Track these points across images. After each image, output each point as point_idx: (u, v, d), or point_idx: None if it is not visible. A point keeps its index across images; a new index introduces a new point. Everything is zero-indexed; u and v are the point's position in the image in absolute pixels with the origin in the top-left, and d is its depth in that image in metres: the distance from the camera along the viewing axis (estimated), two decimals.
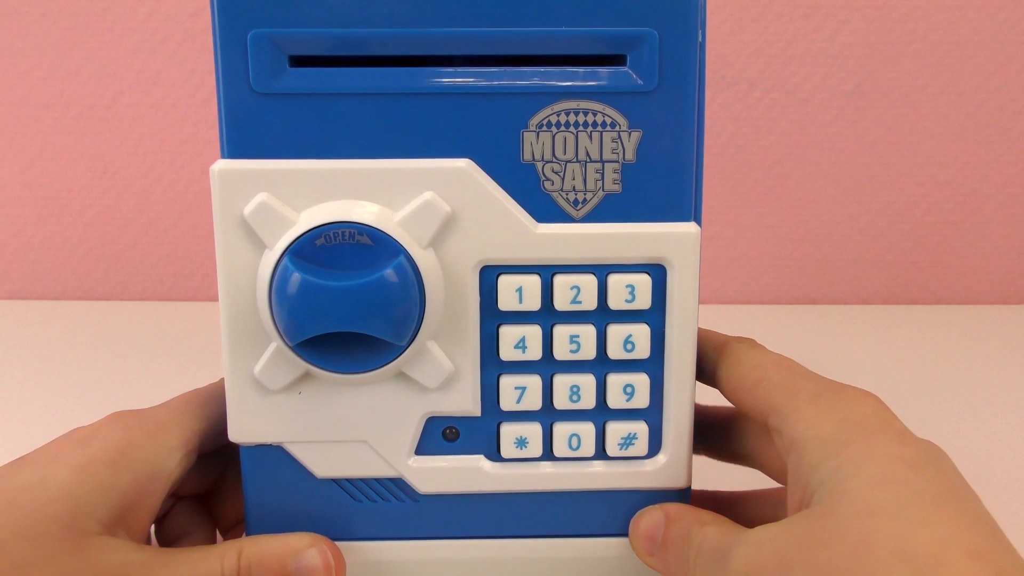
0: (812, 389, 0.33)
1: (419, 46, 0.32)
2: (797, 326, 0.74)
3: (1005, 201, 0.76)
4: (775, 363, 0.35)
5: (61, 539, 0.30)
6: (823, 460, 0.30)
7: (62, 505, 0.31)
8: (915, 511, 0.27)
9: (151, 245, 0.77)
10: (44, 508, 0.31)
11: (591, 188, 0.33)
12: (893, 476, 0.28)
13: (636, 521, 0.36)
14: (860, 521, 0.27)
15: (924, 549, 0.26)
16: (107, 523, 0.32)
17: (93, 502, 0.31)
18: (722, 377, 0.36)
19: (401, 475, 0.36)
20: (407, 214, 0.32)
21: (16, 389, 0.61)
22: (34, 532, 0.30)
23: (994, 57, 0.72)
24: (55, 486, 0.31)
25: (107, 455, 0.33)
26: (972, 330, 0.73)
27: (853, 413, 0.31)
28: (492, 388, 0.35)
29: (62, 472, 0.32)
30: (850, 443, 0.30)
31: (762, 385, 0.34)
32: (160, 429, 0.34)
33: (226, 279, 0.33)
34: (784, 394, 0.33)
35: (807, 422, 0.31)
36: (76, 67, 0.72)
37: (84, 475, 0.32)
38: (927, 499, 0.27)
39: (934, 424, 0.56)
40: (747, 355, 0.35)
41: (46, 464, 0.32)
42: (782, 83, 0.73)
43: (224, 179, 0.32)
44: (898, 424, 0.31)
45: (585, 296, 0.34)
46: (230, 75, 0.32)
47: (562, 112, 0.32)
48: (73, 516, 0.31)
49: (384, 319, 0.31)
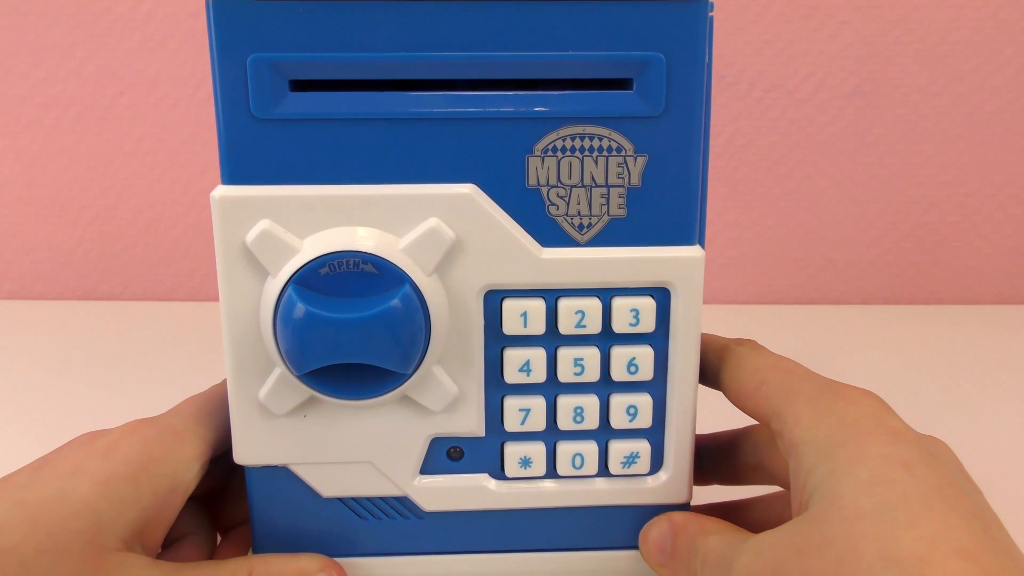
0: (810, 391, 0.33)
1: (423, 70, 0.32)
2: (797, 326, 0.74)
3: (1005, 201, 0.76)
4: (775, 366, 0.35)
5: (83, 556, 0.30)
6: (818, 463, 0.30)
7: (84, 521, 0.31)
8: (902, 513, 0.27)
9: (151, 245, 0.77)
10: (66, 524, 0.31)
11: (596, 213, 0.33)
12: (882, 478, 0.28)
13: (645, 532, 0.36)
14: (848, 527, 0.27)
15: (909, 551, 0.26)
16: (126, 538, 0.32)
17: (114, 518, 0.32)
18: (724, 382, 0.36)
19: (406, 494, 0.36)
20: (411, 241, 0.32)
21: (16, 389, 0.61)
22: (56, 548, 0.30)
23: (994, 57, 0.72)
24: (77, 501, 0.31)
25: (128, 470, 0.32)
26: (972, 330, 0.73)
27: (849, 414, 0.31)
28: (496, 410, 0.35)
29: (84, 487, 0.32)
30: (843, 445, 0.30)
31: (763, 389, 0.34)
32: (178, 441, 0.34)
33: (229, 305, 0.33)
34: (783, 397, 0.33)
35: (805, 425, 0.31)
36: (76, 67, 0.72)
37: (106, 490, 0.32)
38: (915, 500, 0.27)
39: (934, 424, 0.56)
40: (748, 358, 0.35)
41: (68, 478, 0.32)
42: (782, 83, 0.73)
43: (225, 206, 0.32)
44: (895, 422, 0.31)
45: (589, 320, 0.34)
46: (229, 100, 0.32)
47: (567, 137, 0.32)
48: (94, 532, 0.31)
49: (390, 350, 0.31)
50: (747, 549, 0.30)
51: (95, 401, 0.59)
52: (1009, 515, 0.33)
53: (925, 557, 0.26)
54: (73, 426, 0.35)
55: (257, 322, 0.33)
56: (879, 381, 0.62)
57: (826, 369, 0.35)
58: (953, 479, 0.29)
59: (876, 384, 0.60)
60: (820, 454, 0.30)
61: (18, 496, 0.31)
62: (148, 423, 0.35)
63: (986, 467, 0.51)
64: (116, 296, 0.79)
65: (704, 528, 0.34)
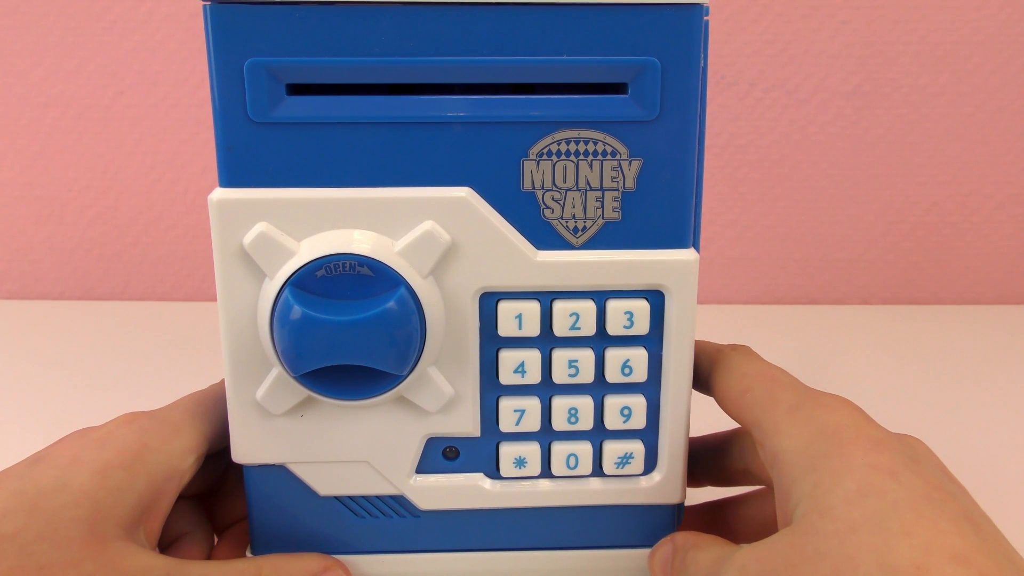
0: (790, 400, 0.33)
1: (419, 74, 0.32)
2: (797, 326, 0.74)
3: (1005, 201, 0.76)
4: (760, 373, 0.35)
5: (83, 543, 0.31)
6: (802, 474, 0.30)
7: (83, 509, 0.31)
8: (894, 522, 0.27)
9: (151, 245, 0.77)
10: (65, 512, 0.31)
11: (591, 216, 0.33)
12: (871, 488, 0.28)
13: (652, 555, 0.36)
14: (842, 538, 0.27)
15: (906, 559, 0.26)
16: (125, 526, 0.32)
17: (111, 505, 0.32)
18: (714, 386, 0.36)
19: (402, 493, 0.36)
20: (407, 244, 0.32)
21: (16, 389, 0.61)
22: (56, 536, 0.30)
23: (994, 57, 0.72)
24: (75, 490, 0.31)
25: (123, 458, 0.33)
26: (972, 330, 0.73)
27: (828, 423, 0.31)
28: (492, 410, 0.36)
29: (82, 476, 0.32)
30: (826, 455, 0.30)
31: (747, 396, 0.34)
32: (174, 432, 0.35)
33: (227, 306, 0.33)
34: (764, 406, 0.33)
35: (785, 434, 0.32)
36: (76, 67, 0.72)
37: (103, 479, 0.32)
38: (905, 507, 0.27)
39: (934, 424, 0.56)
40: (737, 364, 0.36)
41: (66, 467, 0.32)
42: (782, 83, 0.73)
43: (222, 208, 0.32)
44: (873, 430, 0.31)
45: (584, 322, 0.34)
46: (227, 104, 0.32)
47: (562, 141, 0.32)
48: (93, 520, 0.31)
49: (386, 352, 0.31)
50: (733, 564, 0.30)
51: (95, 401, 0.59)
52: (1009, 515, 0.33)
53: (922, 564, 0.26)
54: (73, 426, 0.35)
55: (255, 323, 0.33)
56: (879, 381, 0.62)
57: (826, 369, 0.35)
58: (939, 482, 0.29)
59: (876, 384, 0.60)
60: (803, 464, 0.30)
61: (17, 485, 0.31)
62: (144, 415, 0.35)
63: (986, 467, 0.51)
64: (116, 296, 0.79)
65: (695, 543, 0.34)
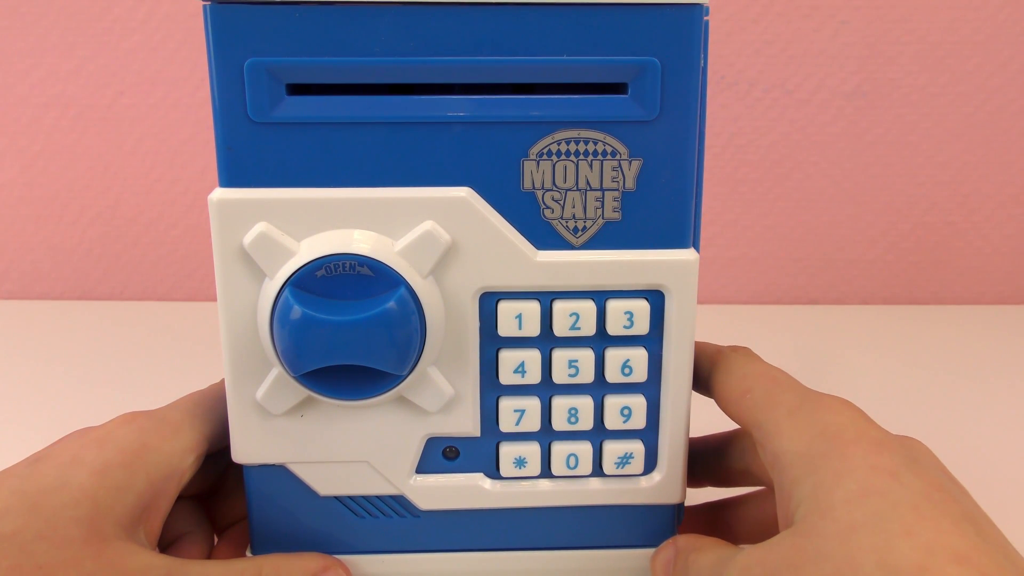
0: (791, 402, 0.33)
1: (419, 74, 0.32)
2: (797, 326, 0.74)
3: (1005, 201, 0.76)
4: (761, 375, 0.35)
5: (83, 542, 0.31)
6: (803, 476, 0.30)
7: (83, 509, 0.31)
8: (895, 522, 0.27)
9: (151, 245, 0.77)
10: (65, 511, 0.31)
11: (591, 216, 0.33)
12: (872, 488, 0.28)
13: (654, 558, 0.36)
14: (843, 539, 0.27)
15: (907, 560, 0.26)
16: (125, 525, 0.32)
17: (111, 504, 0.32)
18: (714, 388, 0.36)
19: (402, 493, 0.36)
20: (407, 244, 0.32)
21: (16, 389, 0.61)
22: (57, 535, 0.30)
23: (994, 57, 0.72)
24: (75, 489, 0.31)
25: (123, 457, 0.33)
26: (972, 330, 0.73)
27: (829, 424, 0.31)
28: (492, 410, 0.36)
29: (82, 475, 0.32)
30: (827, 456, 0.30)
31: (747, 397, 0.34)
32: (173, 431, 0.35)
33: (227, 306, 0.33)
34: (764, 408, 0.33)
35: (786, 436, 0.32)
36: (76, 67, 0.72)
37: (103, 478, 0.32)
38: (906, 508, 0.27)
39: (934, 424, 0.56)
40: (737, 365, 0.36)
41: (66, 467, 0.32)
42: (782, 83, 0.73)
43: (222, 208, 0.32)
44: (874, 431, 0.31)
45: (584, 322, 0.34)
46: (227, 104, 0.32)
47: (562, 141, 0.32)
48: (93, 519, 0.31)
49: (386, 352, 0.31)
50: (735, 565, 0.30)
51: (95, 401, 0.59)
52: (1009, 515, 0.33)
53: (924, 565, 0.26)
54: (73, 426, 0.35)
55: (255, 323, 0.33)
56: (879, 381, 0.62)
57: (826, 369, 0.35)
58: (939, 483, 0.29)
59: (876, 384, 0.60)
60: (804, 466, 0.30)
61: (17, 485, 0.31)
62: (144, 414, 0.35)
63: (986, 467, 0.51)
64: (116, 296, 0.79)
65: (697, 546, 0.34)
